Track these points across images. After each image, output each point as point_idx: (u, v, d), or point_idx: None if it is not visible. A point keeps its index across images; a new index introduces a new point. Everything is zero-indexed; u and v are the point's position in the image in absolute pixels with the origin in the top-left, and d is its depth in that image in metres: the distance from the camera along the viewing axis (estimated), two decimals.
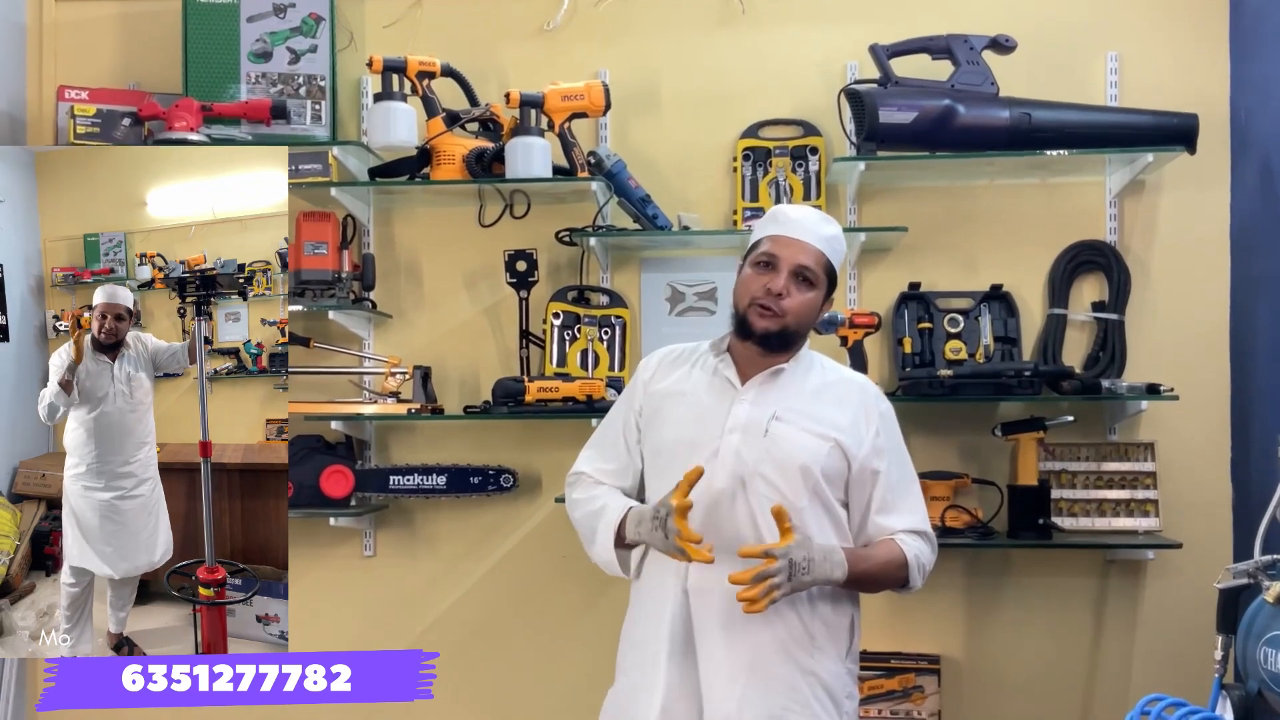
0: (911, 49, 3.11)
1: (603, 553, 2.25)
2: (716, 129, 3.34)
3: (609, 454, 2.38)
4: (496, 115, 3.23)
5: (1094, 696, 3.21)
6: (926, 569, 2.25)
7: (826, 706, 2.19)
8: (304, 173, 3.23)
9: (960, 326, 3.22)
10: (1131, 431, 3.21)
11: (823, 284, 2.24)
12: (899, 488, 2.27)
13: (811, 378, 2.28)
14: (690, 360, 2.34)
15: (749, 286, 2.23)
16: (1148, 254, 3.23)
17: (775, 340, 2.21)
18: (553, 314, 3.29)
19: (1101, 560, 3.22)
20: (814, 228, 2.24)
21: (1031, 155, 3.06)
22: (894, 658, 3.17)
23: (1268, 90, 3.01)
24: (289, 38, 3.33)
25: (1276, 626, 1.98)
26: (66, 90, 3.33)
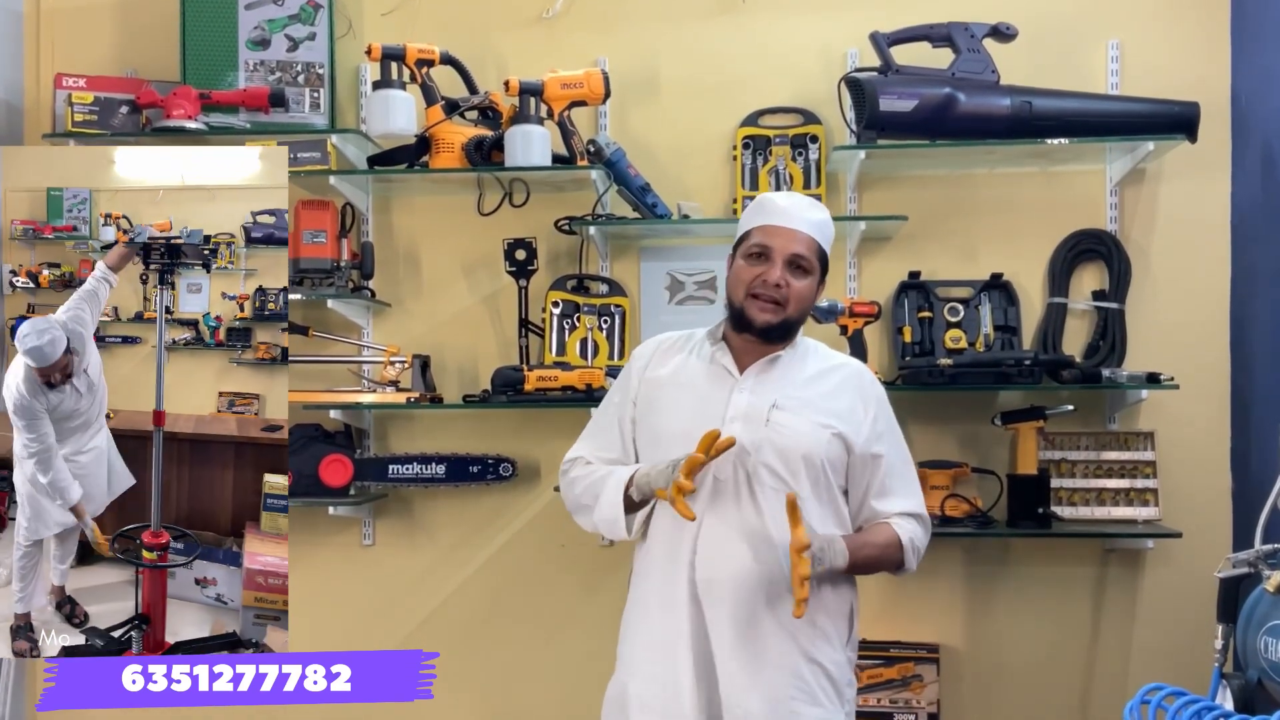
0: (912, 37, 3.10)
1: (608, 509, 2.23)
2: (716, 117, 3.34)
3: (604, 442, 2.37)
4: (496, 103, 3.22)
5: (1093, 686, 3.22)
6: (920, 551, 2.26)
7: (829, 694, 2.19)
8: (302, 161, 3.22)
9: (960, 315, 3.21)
10: (1131, 420, 3.21)
11: (816, 270, 2.24)
12: (896, 472, 2.28)
13: (808, 365, 2.28)
14: (686, 348, 2.34)
15: (743, 278, 2.22)
16: (1148, 243, 3.22)
17: (776, 331, 2.21)
18: (552, 303, 3.29)
19: (1101, 549, 3.22)
20: (803, 215, 2.24)
21: (1032, 144, 3.05)
22: (893, 647, 3.17)
23: (1269, 78, 3.00)
24: (287, 25, 3.32)
25: (1277, 616, 1.98)
26: (64, 78, 3.32)
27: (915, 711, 3.14)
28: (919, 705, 3.14)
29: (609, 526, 2.25)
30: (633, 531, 2.25)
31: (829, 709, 2.18)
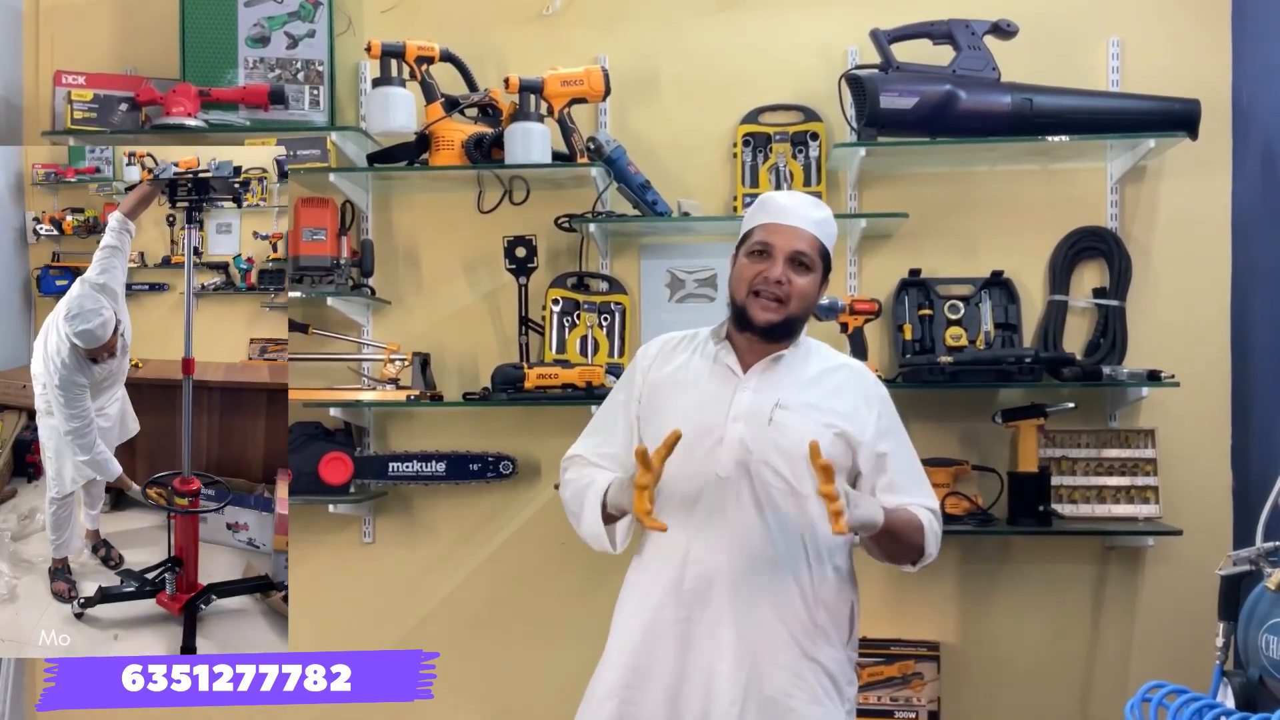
0: (913, 34, 3.10)
1: (590, 525, 2.24)
2: (716, 114, 3.33)
3: (606, 439, 2.36)
4: (495, 100, 3.22)
5: (1094, 683, 3.22)
6: (939, 538, 2.25)
7: (830, 693, 2.19)
8: (302, 158, 3.22)
9: (961, 313, 3.21)
10: (1132, 418, 3.20)
11: (819, 268, 2.24)
12: (905, 468, 2.27)
13: (810, 365, 2.27)
14: (690, 347, 2.33)
15: (745, 276, 2.22)
16: (1149, 240, 3.22)
17: (778, 330, 2.20)
18: (552, 300, 3.29)
19: (1101, 547, 3.22)
20: (805, 213, 2.24)
21: (1033, 141, 3.05)
22: (893, 644, 3.17)
23: (1270, 76, 3.00)
24: (287, 22, 3.32)
25: (1278, 613, 1.98)
26: (63, 75, 3.31)
27: (915, 709, 3.13)
28: (919, 703, 3.14)
29: (594, 541, 2.26)
30: (618, 545, 2.26)
31: (828, 707, 2.18)
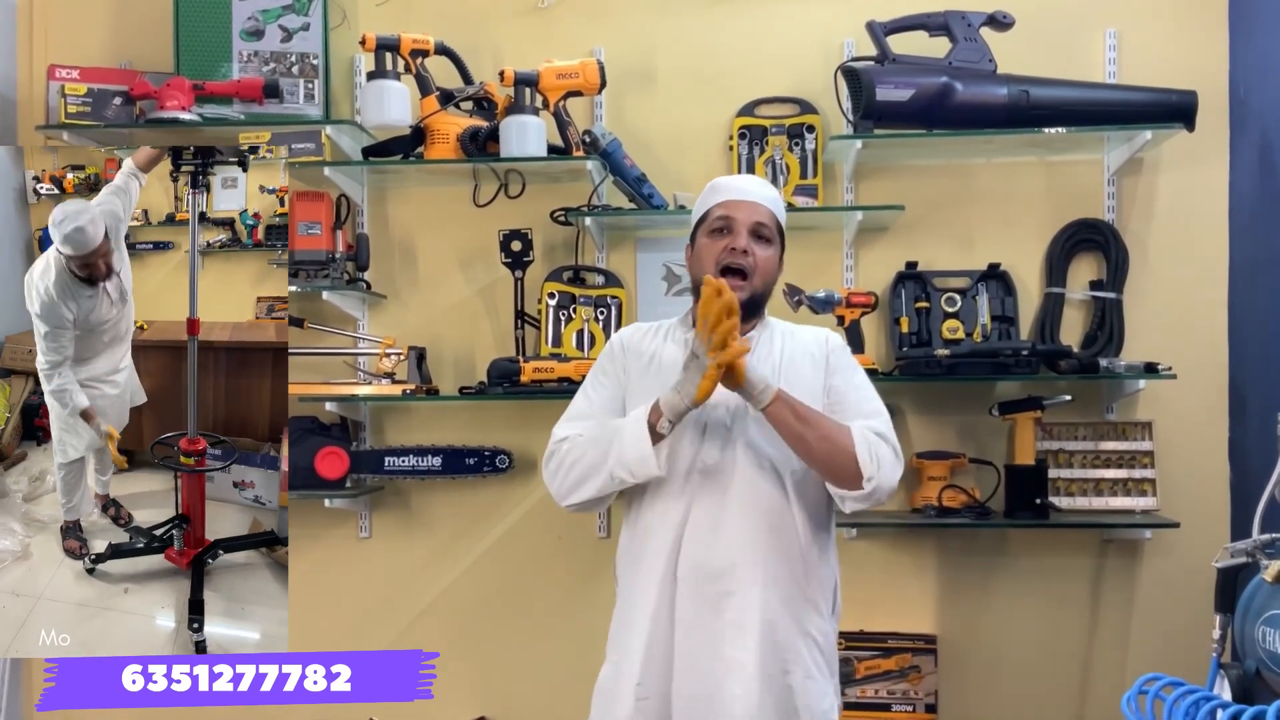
0: (909, 26, 3.09)
1: (633, 448, 2.14)
2: (712, 107, 3.33)
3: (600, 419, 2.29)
4: (491, 94, 3.21)
5: (1091, 676, 3.22)
6: (882, 460, 2.14)
7: (821, 668, 2.21)
8: (297, 152, 3.20)
9: (957, 306, 3.21)
10: (1129, 411, 3.20)
11: (777, 241, 2.29)
12: (851, 399, 2.25)
13: (777, 345, 2.30)
14: (659, 335, 2.35)
15: (709, 254, 2.24)
16: (1146, 232, 3.22)
17: (745, 308, 2.17)
18: (548, 294, 3.28)
19: (1098, 540, 3.22)
20: (759, 190, 2.30)
21: (1030, 133, 3.04)
22: (891, 638, 3.17)
23: (1267, 68, 2.99)
24: (281, 15, 3.30)
25: (1275, 605, 1.97)
26: (57, 69, 3.30)
27: (913, 702, 3.13)
28: (917, 696, 3.14)
29: (637, 464, 2.15)
30: (662, 465, 2.16)
31: (820, 682, 2.20)
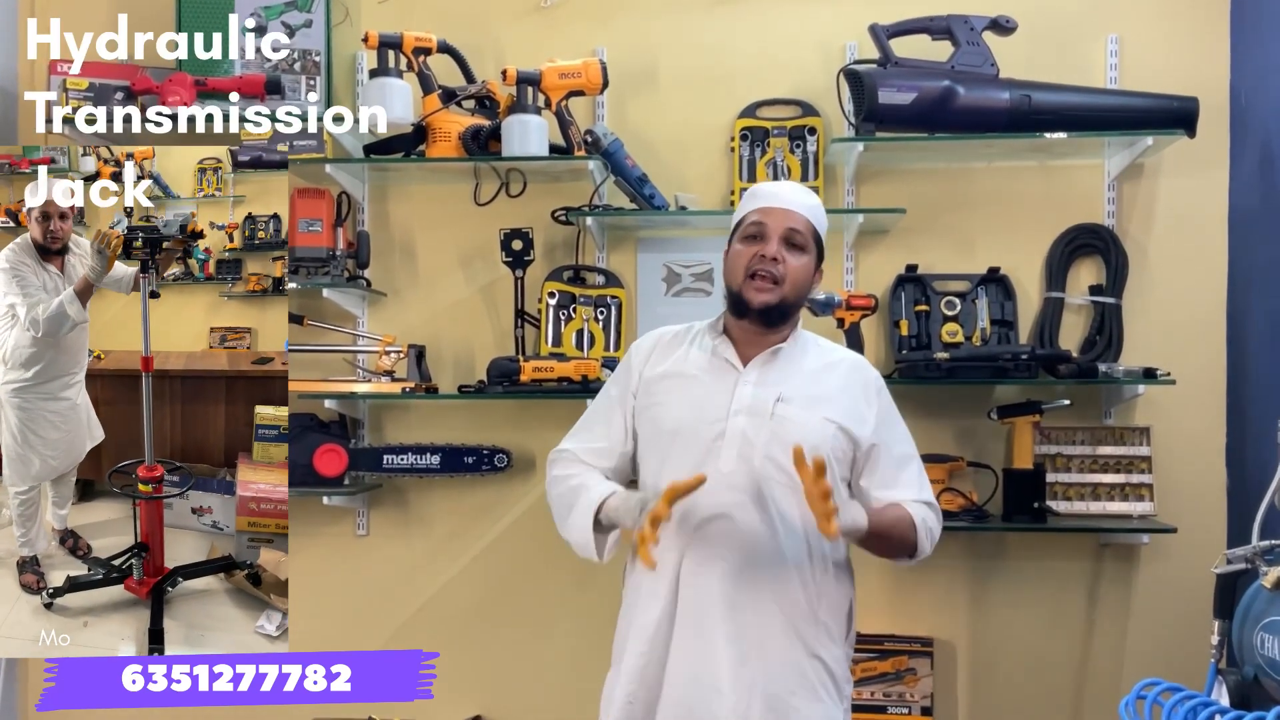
0: (911, 29, 3.09)
1: (577, 532, 2.21)
2: (714, 108, 3.33)
3: (597, 432, 2.35)
4: (493, 92, 3.21)
5: (1088, 681, 3.22)
6: (934, 534, 2.24)
7: (829, 690, 2.19)
8: (298, 149, 3.20)
9: (957, 309, 3.21)
10: (1127, 415, 3.20)
11: (813, 250, 2.24)
12: (900, 461, 2.27)
13: (809, 358, 2.27)
14: (687, 341, 2.33)
15: (741, 260, 2.22)
16: (1146, 238, 3.22)
17: (775, 313, 2.19)
18: (548, 293, 3.28)
19: (1096, 544, 3.22)
20: (797, 197, 2.26)
21: (1031, 137, 3.05)
22: (887, 640, 3.17)
23: (1268, 74, 2.99)
24: (284, 12, 3.31)
25: (1274, 612, 1.98)
26: (58, 64, 3.29)
27: (909, 705, 3.14)
28: (913, 699, 3.14)
29: (580, 548, 2.23)
30: (604, 555, 2.23)
31: (828, 705, 2.18)
